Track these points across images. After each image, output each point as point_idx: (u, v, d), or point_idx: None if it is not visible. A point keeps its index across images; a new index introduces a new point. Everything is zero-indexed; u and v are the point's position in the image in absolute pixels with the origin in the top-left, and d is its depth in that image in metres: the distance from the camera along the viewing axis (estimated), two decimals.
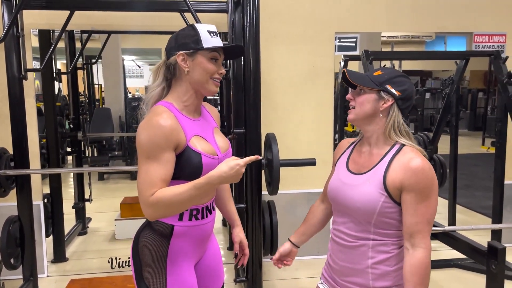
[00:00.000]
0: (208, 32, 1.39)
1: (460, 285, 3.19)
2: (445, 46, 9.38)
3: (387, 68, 1.45)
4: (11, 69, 2.85)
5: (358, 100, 1.38)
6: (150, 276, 1.41)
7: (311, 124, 3.52)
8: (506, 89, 3.27)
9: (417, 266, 1.29)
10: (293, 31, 3.44)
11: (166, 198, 1.27)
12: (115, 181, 6.87)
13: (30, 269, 3.03)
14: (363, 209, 1.34)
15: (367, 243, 1.37)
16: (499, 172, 3.47)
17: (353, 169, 1.43)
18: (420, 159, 1.31)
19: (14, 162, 2.92)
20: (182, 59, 1.37)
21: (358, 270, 1.40)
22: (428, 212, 1.30)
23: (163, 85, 1.43)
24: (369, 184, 1.34)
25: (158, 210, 1.29)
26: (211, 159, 1.39)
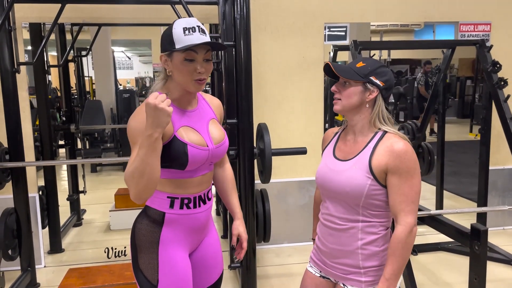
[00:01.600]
0: (184, 29, 1.33)
1: (447, 267, 3.30)
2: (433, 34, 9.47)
3: (368, 59, 1.50)
4: (4, 62, 2.87)
5: (345, 93, 1.44)
6: (144, 261, 1.44)
7: (302, 113, 3.59)
8: (491, 77, 3.36)
9: (394, 242, 1.38)
10: (282, 22, 3.49)
11: (127, 171, 1.28)
12: (107, 173, 6.89)
13: (28, 260, 3.09)
14: (352, 193, 1.41)
15: (357, 225, 1.45)
16: (484, 158, 3.58)
17: (339, 156, 1.50)
18: (402, 143, 1.39)
19: (9, 155, 2.96)
20: (164, 61, 1.40)
21: (348, 252, 1.47)
22: (412, 192, 1.38)
23: (165, 79, 1.46)
24: (356, 169, 1.42)
25: (129, 186, 1.28)
26: (198, 150, 1.41)
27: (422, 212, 2.55)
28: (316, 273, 1.60)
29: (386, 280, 1.39)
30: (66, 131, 4.34)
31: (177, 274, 1.45)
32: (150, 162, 1.25)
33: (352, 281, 1.48)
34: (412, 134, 4.64)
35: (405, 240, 1.37)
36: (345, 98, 1.44)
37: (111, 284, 2.47)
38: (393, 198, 1.39)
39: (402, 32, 10.60)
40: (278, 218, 3.45)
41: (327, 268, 1.55)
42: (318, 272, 1.60)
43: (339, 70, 1.44)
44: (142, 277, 1.45)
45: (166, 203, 1.44)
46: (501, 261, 3.36)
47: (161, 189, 1.44)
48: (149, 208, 1.47)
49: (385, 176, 1.40)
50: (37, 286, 3.12)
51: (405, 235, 1.37)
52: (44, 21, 3.47)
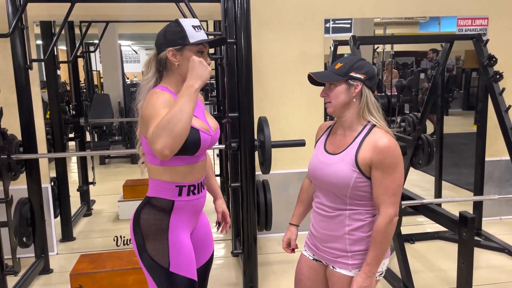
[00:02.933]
0: (193, 27, 1.52)
1: (442, 255, 3.42)
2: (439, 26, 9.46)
3: (345, 58, 1.61)
4: (17, 59, 3.02)
5: (332, 95, 1.56)
6: (153, 248, 1.55)
7: (302, 107, 3.70)
8: (487, 71, 3.45)
9: (375, 231, 1.51)
10: (283, 18, 3.59)
11: (163, 119, 1.33)
12: (115, 165, 7.06)
13: (41, 247, 3.26)
14: (339, 184, 1.53)
15: (344, 212, 1.57)
16: (480, 149, 3.67)
17: (329, 149, 1.63)
18: (387, 139, 1.50)
19: (23, 147, 3.11)
20: (172, 54, 1.52)
21: (337, 237, 1.59)
22: (393, 185, 1.49)
23: (156, 76, 1.58)
24: (343, 163, 1.54)
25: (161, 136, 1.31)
26: (207, 135, 1.54)
27: (415, 201, 2.66)
28: (310, 256, 1.72)
29: (367, 264, 1.52)
30: (76, 124, 4.50)
31: (185, 255, 1.58)
32: (187, 111, 1.35)
33: (341, 264, 1.60)
34: (413, 126, 4.74)
35: (385, 229, 1.49)
36: (333, 99, 1.56)
37: (120, 268, 2.63)
38: (376, 190, 1.51)
39: (407, 25, 10.57)
40: (279, 208, 3.57)
41: (319, 251, 1.67)
42: (312, 256, 1.71)
43: (321, 76, 1.56)
44: (153, 263, 1.55)
45: (175, 191, 1.57)
46: (496, 249, 3.47)
47: (169, 179, 1.56)
48: (155, 199, 1.57)
49: (370, 169, 1.51)
50: (50, 272, 3.29)
51: (385, 225, 1.49)
52: (55, 19, 3.60)
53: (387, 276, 3.01)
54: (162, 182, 1.56)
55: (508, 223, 4.06)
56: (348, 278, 1.58)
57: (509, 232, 3.83)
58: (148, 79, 1.57)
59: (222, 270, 3.26)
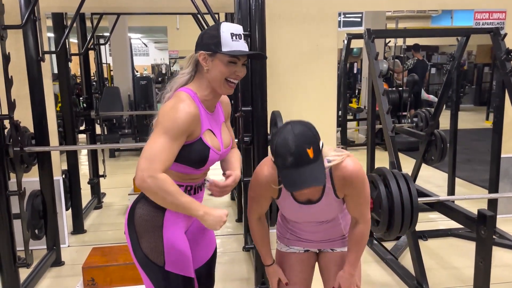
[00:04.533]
0: (231, 34, 1.44)
1: (456, 252, 3.37)
2: (451, 20, 9.32)
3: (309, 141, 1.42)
4: (29, 52, 3.01)
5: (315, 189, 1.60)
6: (148, 245, 1.50)
7: (315, 101, 3.66)
8: (504, 66, 3.37)
9: (358, 236, 1.63)
10: (297, 10, 3.54)
11: (161, 188, 1.35)
12: (125, 158, 7.07)
13: (53, 239, 3.26)
14: (334, 216, 1.68)
15: (337, 217, 1.71)
16: (496, 146, 3.60)
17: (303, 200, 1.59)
18: (348, 167, 1.50)
19: (35, 140, 3.11)
20: (203, 58, 1.47)
21: (335, 232, 1.74)
22: (367, 197, 1.59)
23: (192, 74, 1.53)
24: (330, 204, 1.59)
25: (147, 190, 1.36)
26: (215, 154, 1.52)
27: (431, 198, 2.62)
28: (300, 251, 1.77)
29: (351, 265, 1.66)
30: (87, 117, 4.50)
31: (180, 253, 1.54)
32: (174, 208, 1.44)
33: (339, 243, 1.75)
34: (425, 122, 4.67)
35: (367, 234, 1.64)
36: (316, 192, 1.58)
37: (132, 262, 2.60)
38: (354, 207, 1.61)
39: (419, 18, 10.46)
40: None
41: (314, 243, 1.75)
42: (302, 249, 1.77)
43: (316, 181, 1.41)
44: (147, 261, 1.51)
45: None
46: (510, 247, 3.42)
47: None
48: None
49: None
50: (62, 264, 3.30)
51: (367, 231, 1.63)
52: (66, 11, 3.59)
53: (400, 273, 2.98)
54: None
55: None
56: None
57: None
58: (184, 74, 1.53)
59: (233, 265, 3.25)
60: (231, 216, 4.26)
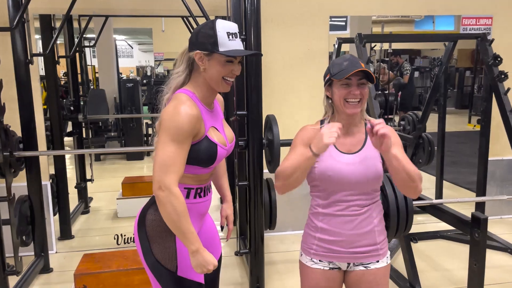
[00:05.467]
0: (228, 34, 1.42)
1: (446, 254, 3.42)
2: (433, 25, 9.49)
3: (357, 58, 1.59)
4: (17, 54, 2.94)
5: (365, 92, 1.53)
6: (160, 251, 1.48)
7: (307, 104, 3.67)
8: (492, 71, 3.44)
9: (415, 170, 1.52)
10: (289, 14, 3.55)
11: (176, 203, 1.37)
12: (111, 161, 6.98)
13: (41, 246, 3.19)
14: (375, 178, 1.55)
15: (372, 206, 1.59)
16: (483, 149, 3.68)
17: (344, 149, 1.57)
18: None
19: (23, 144, 3.04)
20: (199, 58, 1.45)
21: (366, 233, 1.58)
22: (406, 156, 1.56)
23: (186, 73, 1.51)
24: (370, 158, 1.54)
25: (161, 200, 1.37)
26: (223, 149, 1.51)
27: (424, 201, 2.65)
28: (325, 267, 1.62)
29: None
30: (74, 120, 4.42)
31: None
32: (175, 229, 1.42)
33: (371, 258, 1.60)
34: (413, 125, 4.74)
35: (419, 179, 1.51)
36: (365, 98, 1.54)
37: (125, 268, 2.58)
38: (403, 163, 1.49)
39: (403, 23, 10.59)
40: (282, 207, 3.53)
41: (342, 255, 1.59)
42: (327, 265, 1.62)
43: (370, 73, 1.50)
44: (159, 266, 1.49)
45: (184, 193, 1.50)
46: (499, 248, 3.48)
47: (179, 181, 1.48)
48: None
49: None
50: (50, 271, 3.23)
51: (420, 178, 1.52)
52: (55, 13, 3.52)
53: (393, 275, 3.00)
54: None
55: (509, 222, 4.08)
56: (383, 269, 1.61)
57: (511, 231, 3.85)
58: (179, 73, 1.50)
59: (226, 270, 3.22)
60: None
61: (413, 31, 10.12)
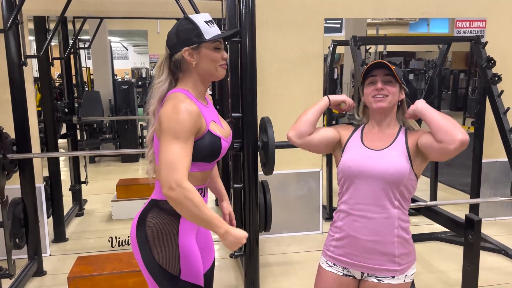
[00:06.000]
0: (206, 22, 1.45)
1: (441, 256, 3.43)
2: (428, 27, 9.56)
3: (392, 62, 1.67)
4: (11, 55, 2.92)
5: (392, 90, 1.56)
6: (162, 255, 1.45)
7: (302, 107, 3.60)
8: (485, 73, 3.47)
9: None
10: (284, 17, 3.55)
11: (192, 196, 1.32)
12: (106, 163, 6.95)
13: (34, 249, 3.17)
14: (396, 175, 1.47)
15: (394, 212, 1.50)
16: (477, 151, 3.70)
17: (371, 146, 1.58)
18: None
19: (16, 146, 3.02)
20: (188, 54, 1.44)
21: (385, 241, 1.50)
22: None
23: (170, 79, 1.49)
24: (397, 155, 1.51)
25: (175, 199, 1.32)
26: (226, 142, 1.51)
27: (418, 203, 2.65)
28: (338, 272, 1.59)
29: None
30: (68, 122, 4.40)
31: (195, 261, 1.51)
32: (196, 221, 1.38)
33: (387, 272, 1.51)
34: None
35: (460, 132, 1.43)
36: (392, 96, 1.56)
37: (120, 271, 2.56)
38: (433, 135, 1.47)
39: (398, 25, 10.67)
40: (277, 209, 3.55)
41: (356, 262, 1.54)
42: (341, 270, 1.58)
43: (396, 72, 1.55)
44: (161, 270, 1.46)
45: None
46: (492, 250, 3.50)
47: None
48: (164, 202, 1.46)
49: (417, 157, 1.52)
50: (44, 274, 3.20)
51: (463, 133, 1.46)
52: (50, 14, 3.50)
53: None
54: None
55: (503, 224, 4.10)
56: (397, 286, 1.51)
57: (505, 233, 3.87)
58: (161, 82, 1.48)
59: (221, 272, 3.22)
60: None
61: (408, 34, 10.20)
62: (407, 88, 1.61)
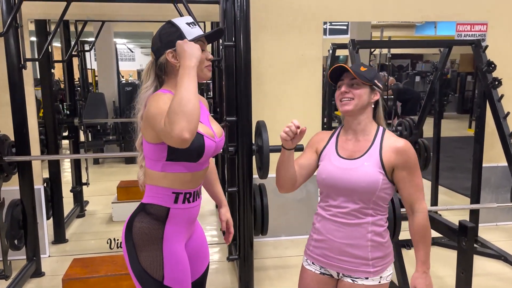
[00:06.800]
0: (187, 24, 1.46)
1: (439, 261, 3.38)
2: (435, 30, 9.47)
3: (365, 65, 1.60)
4: (11, 59, 2.96)
5: (356, 93, 1.53)
6: (147, 260, 1.46)
7: (300, 110, 3.66)
8: (485, 77, 3.44)
9: (420, 228, 1.53)
10: (282, 20, 3.55)
11: (172, 104, 1.27)
12: (109, 165, 6.99)
13: (33, 250, 3.20)
14: (367, 188, 1.49)
15: (367, 219, 1.52)
16: (477, 155, 3.66)
17: (345, 155, 1.57)
18: (403, 141, 1.53)
19: (15, 148, 3.05)
20: (171, 56, 1.45)
21: (358, 245, 1.53)
22: (419, 181, 1.54)
23: (156, 84, 1.51)
24: (368, 165, 1.50)
25: (176, 119, 1.24)
26: (211, 141, 1.48)
27: None
28: (316, 270, 1.63)
29: (423, 263, 1.55)
30: (70, 124, 4.43)
31: (180, 267, 1.51)
32: (193, 90, 1.30)
33: (361, 273, 1.54)
34: (409, 130, 4.73)
35: (428, 224, 1.54)
36: (357, 98, 1.53)
37: (114, 273, 2.58)
38: (407, 190, 1.53)
39: (404, 28, 10.59)
40: (275, 212, 3.55)
41: (331, 262, 1.58)
42: (318, 269, 1.62)
43: (357, 73, 1.52)
44: (145, 275, 1.47)
45: (171, 198, 1.50)
46: (493, 256, 3.46)
47: (166, 185, 1.49)
48: (150, 206, 1.50)
49: (392, 172, 1.52)
50: (42, 275, 3.23)
51: (426, 220, 1.54)
52: (50, 18, 3.54)
53: None
54: (159, 188, 1.50)
55: (504, 229, 4.06)
56: (372, 287, 1.54)
57: (505, 238, 3.83)
58: (147, 87, 1.50)
59: (217, 275, 3.22)
60: (216, 225, 4.25)
61: (414, 36, 10.13)
62: (381, 88, 1.56)
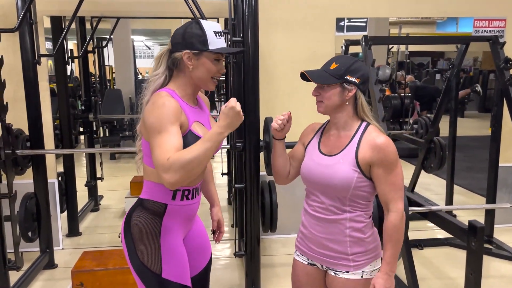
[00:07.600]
0: (214, 32, 1.47)
1: (451, 262, 3.33)
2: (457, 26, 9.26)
3: (340, 57, 1.54)
4: (25, 54, 3.02)
5: (325, 96, 1.52)
6: (145, 253, 1.49)
7: (311, 107, 3.59)
8: (503, 74, 3.34)
9: (389, 228, 1.49)
10: (294, 17, 3.52)
11: (183, 157, 1.29)
12: (126, 160, 7.08)
13: (46, 242, 3.27)
14: (340, 186, 1.48)
15: (345, 215, 1.53)
16: (494, 155, 3.57)
17: (325, 151, 1.57)
18: (383, 137, 1.48)
19: (30, 142, 3.12)
20: (187, 57, 1.47)
21: (337, 240, 1.55)
22: (398, 180, 1.49)
23: (166, 74, 1.52)
24: (343, 163, 1.49)
25: (177, 171, 1.29)
26: None
27: (423, 208, 2.59)
28: (304, 261, 1.66)
29: (387, 263, 1.50)
30: (85, 119, 4.51)
31: (178, 260, 1.53)
32: (209, 155, 1.37)
33: (341, 266, 1.56)
34: (425, 129, 4.65)
35: (399, 225, 1.49)
36: (326, 100, 1.52)
37: (121, 267, 2.62)
38: (382, 188, 1.48)
39: (424, 24, 10.38)
40: (285, 209, 3.52)
41: (314, 255, 1.61)
42: (306, 260, 1.66)
43: (315, 77, 1.51)
44: (144, 268, 1.50)
45: (169, 195, 1.51)
46: (508, 258, 3.37)
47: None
48: (148, 201, 1.52)
49: (369, 168, 1.48)
50: (55, 267, 3.30)
51: (399, 221, 1.49)
52: (64, 15, 3.60)
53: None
54: (157, 184, 1.51)
55: None
56: (353, 281, 1.55)
57: None
58: (158, 75, 1.50)
59: (225, 271, 3.23)
60: (227, 221, 4.25)
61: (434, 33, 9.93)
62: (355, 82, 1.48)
